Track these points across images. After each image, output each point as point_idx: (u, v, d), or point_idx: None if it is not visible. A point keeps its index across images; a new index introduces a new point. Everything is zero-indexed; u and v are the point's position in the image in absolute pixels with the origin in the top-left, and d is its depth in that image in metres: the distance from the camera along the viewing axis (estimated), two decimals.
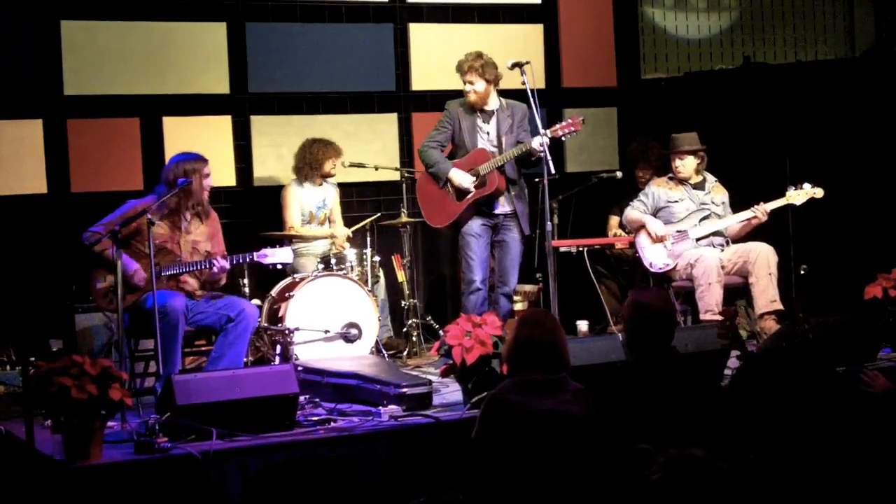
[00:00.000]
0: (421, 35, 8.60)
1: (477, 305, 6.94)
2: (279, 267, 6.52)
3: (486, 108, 7.10)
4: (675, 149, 7.54)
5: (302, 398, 5.74)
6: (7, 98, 7.44)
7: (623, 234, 8.21)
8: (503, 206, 7.07)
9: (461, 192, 7.05)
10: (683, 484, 2.74)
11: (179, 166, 6.35)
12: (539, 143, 6.72)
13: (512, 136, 7.04)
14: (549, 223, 6.73)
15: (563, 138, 6.84)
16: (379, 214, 7.83)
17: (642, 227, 7.51)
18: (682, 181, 7.56)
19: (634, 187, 8.29)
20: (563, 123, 6.84)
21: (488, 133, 7.10)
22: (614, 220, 8.42)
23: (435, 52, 8.58)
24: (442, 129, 7.19)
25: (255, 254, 6.37)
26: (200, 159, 6.44)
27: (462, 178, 7.01)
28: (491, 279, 7.23)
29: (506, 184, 7.01)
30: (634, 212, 7.60)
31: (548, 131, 6.74)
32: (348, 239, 7.71)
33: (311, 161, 7.72)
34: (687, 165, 7.51)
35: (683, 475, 2.75)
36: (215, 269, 6.30)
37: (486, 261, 7.11)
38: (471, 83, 7.04)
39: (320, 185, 7.80)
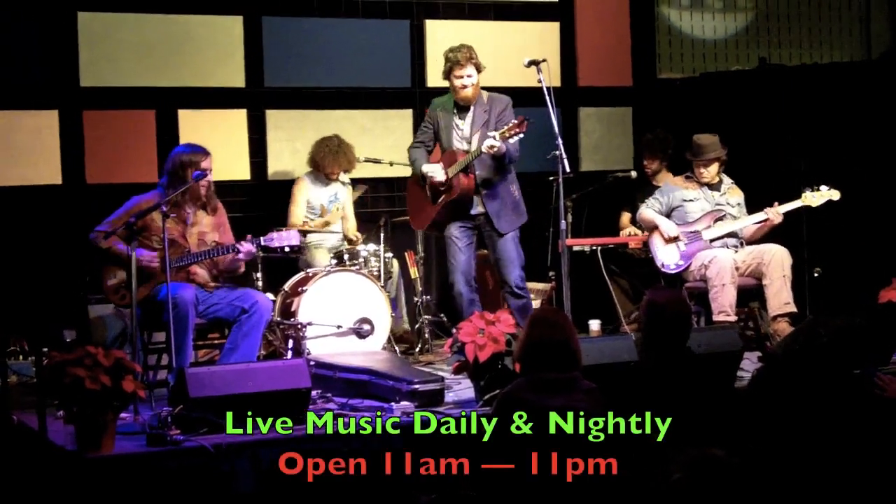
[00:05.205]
0: (437, 32, 8.58)
1: (463, 309, 6.78)
2: (287, 250, 6.39)
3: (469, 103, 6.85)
4: (701, 156, 7.47)
5: (314, 393, 5.74)
6: (23, 89, 7.46)
7: (636, 231, 8.20)
8: (477, 207, 6.87)
9: (435, 195, 6.92)
10: (703, 484, 2.74)
11: (178, 158, 6.26)
12: (487, 145, 6.52)
13: (485, 131, 6.70)
14: (562, 221, 6.65)
15: (510, 140, 6.50)
16: (384, 219, 7.80)
17: (656, 227, 7.49)
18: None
19: (646, 183, 8.28)
20: (510, 125, 6.50)
21: (462, 130, 6.89)
22: (626, 217, 8.41)
23: None
24: (424, 130, 7.06)
25: (261, 238, 6.26)
26: (200, 152, 6.28)
27: (432, 169, 6.84)
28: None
29: (475, 185, 6.78)
30: (649, 211, 7.55)
31: (496, 133, 6.49)
32: (357, 238, 7.67)
33: (314, 162, 7.70)
34: (711, 172, 7.47)
35: (703, 475, 2.75)
36: (241, 255, 6.21)
37: (467, 262, 6.90)
38: (469, 76, 6.79)
39: (329, 183, 7.76)
